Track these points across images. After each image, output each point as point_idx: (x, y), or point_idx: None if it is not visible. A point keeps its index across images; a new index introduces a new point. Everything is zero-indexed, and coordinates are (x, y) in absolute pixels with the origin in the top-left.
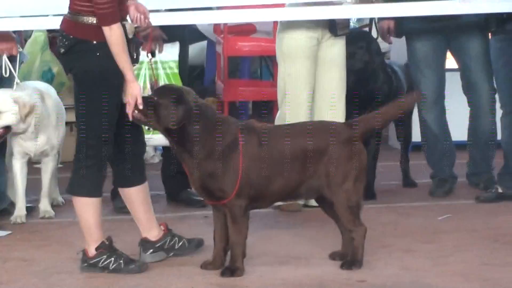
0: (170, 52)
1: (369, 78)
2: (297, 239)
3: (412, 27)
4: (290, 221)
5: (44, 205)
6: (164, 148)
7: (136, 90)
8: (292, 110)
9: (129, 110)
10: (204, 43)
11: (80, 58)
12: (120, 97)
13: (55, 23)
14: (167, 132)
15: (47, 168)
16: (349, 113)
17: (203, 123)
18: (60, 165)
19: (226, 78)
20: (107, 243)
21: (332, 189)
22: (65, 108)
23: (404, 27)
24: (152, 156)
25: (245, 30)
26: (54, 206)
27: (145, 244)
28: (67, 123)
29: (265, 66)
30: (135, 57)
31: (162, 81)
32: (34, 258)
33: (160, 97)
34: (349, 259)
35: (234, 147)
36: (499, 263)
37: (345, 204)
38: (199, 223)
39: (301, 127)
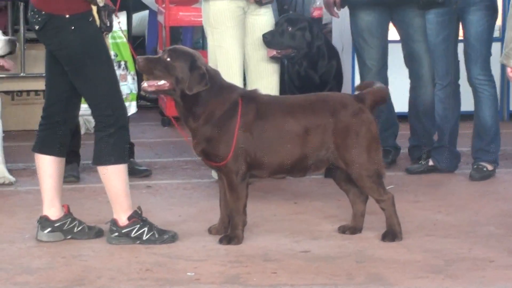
0: (119, 22)
1: (318, 62)
2: None
3: None
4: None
5: (2, 171)
6: None
7: None
8: None
9: None
10: (145, 12)
11: (56, 35)
12: (110, 58)
13: None
14: (178, 95)
15: None
16: None
17: (209, 89)
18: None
19: None
20: (139, 212)
21: (345, 161)
22: (5, 77)
23: None
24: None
25: (187, 0)
26: None
27: (44, 222)
28: (7, 92)
29: (203, 36)
30: (108, 24)
31: (111, 51)
32: None
33: (175, 60)
34: (388, 231)
35: (232, 114)
36: (441, 235)
37: (363, 175)
38: (141, 192)
39: (304, 99)
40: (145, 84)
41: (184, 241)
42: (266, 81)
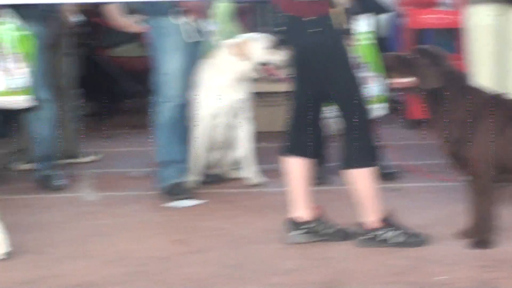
0: (363, 24)
1: None
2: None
3: None
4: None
5: (249, 172)
6: None
7: None
8: None
9: None
10: (387, 15)
11: (298, 37)
12: (351, 60)
13: None
14: (423, 94)
15: (244, 132)
16: None
17: (456, 89)
18: None
19: None
20: (389, 215)
21: None
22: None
23: None
24: None
25: (426, 2)
26: None
27: (294, 223)
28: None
29: (445, 39)
30: (349, 27)
31: (357, 53)
32: (226, 227)
33: (421, 58)
34: None
35: (482, 117)
36: None
37: None
38: (390, 195)
39: None
40: (392, 81)
41: (434, 245)
42: None
